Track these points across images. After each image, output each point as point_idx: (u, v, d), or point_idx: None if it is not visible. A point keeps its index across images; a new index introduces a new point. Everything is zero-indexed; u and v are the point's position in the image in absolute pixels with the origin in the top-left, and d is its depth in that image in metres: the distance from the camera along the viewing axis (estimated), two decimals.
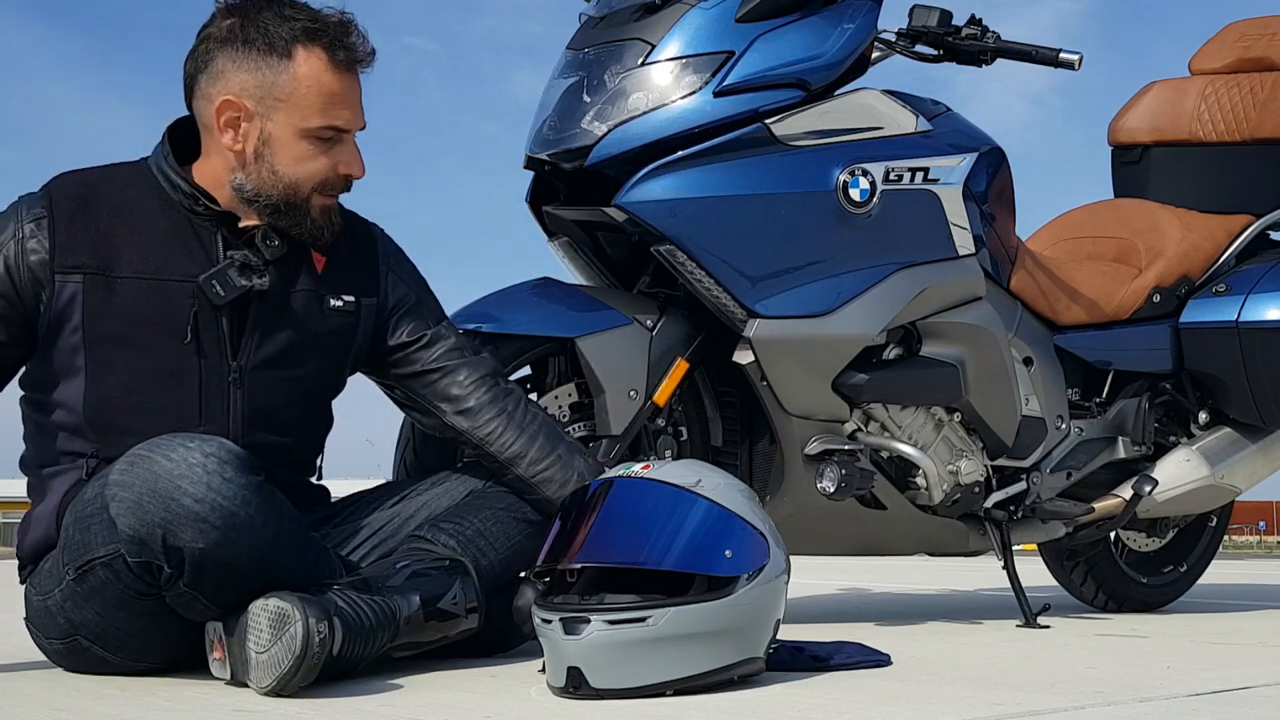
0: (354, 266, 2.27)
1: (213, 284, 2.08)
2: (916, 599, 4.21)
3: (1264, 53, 3.62)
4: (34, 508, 2.16)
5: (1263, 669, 2.27)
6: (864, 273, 2.86)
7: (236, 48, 2.12)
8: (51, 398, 2.12)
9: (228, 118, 2.13)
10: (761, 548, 1.94)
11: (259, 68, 2.11)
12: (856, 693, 1.92)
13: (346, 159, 2.17)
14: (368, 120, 2.20)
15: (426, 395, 2.33)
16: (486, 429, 2.31)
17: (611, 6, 2.88)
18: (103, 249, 2.08)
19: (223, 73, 2.13)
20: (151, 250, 2.10)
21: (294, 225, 2.15)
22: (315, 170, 2.14)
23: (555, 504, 2.21)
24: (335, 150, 2.15)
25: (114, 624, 2.02)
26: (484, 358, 2.38)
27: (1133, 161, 3.71)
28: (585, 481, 2.18)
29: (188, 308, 2.09)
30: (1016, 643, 2.68)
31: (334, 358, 2.25)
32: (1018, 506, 3.16)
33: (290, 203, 2.13)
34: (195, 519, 1.88)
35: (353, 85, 2.16)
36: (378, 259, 2.31)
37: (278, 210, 2.13)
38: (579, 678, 1.85)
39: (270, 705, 1.81)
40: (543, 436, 2.32)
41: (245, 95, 2.12)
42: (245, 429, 2.13)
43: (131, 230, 2.10)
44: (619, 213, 2.71)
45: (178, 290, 2.09)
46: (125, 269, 2.08)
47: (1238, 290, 3.35)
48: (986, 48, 3.00)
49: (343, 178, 2.17)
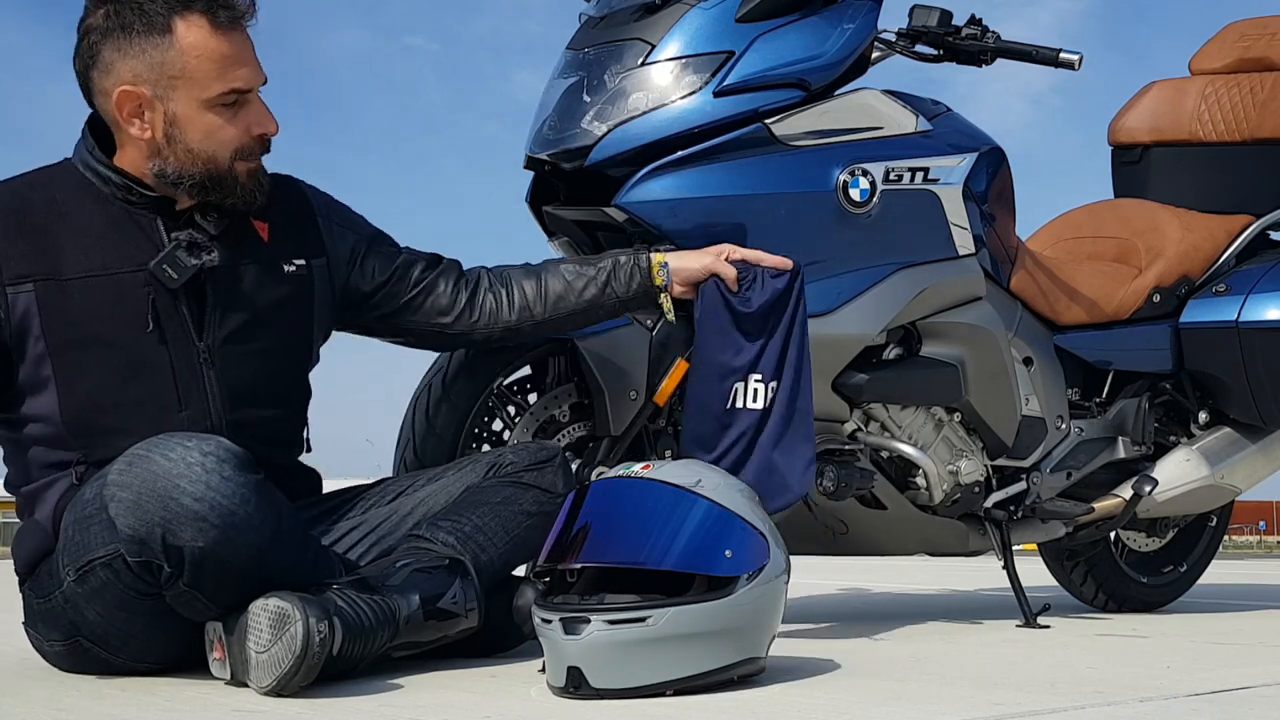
0: (295, 229, 2.26)
1: (164, 268, 2.07)
2: (916, 599, 4.21)
3: (1264, 53, 3.62)
4: (27, 520, 2.14)
5: (1263, 669, 2.27)
6: (864, 273, 2.86)
7: (118, 36, 2.08)
8: (24, 413, 2.10)
9: (130, 109, 2.10)
10: (761, 548, 1.94)
11: (144, 50, 2.07)
12: (856, 693, 1.92)
13: (257, 118, 2.15)
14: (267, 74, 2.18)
15: (419, 321, 2.41)
16: (488, 312, 2.44)
17: (611, 6, 2.88)
18: (48, 255, 2.06)
19: (111, 65, 2.10)
20: (95, 247, 2.08)
21: (225, 196, 2.13)
22: (229, 139, 2.12)
23: (607, 302, 2.49)
24: (243, 113, 2.14)
25: (115, 624, 2.02)
26: (435, 256, 2.45)
27: (1133, 161, 3.71)
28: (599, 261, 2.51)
29: (144, 297, 2.07)
30: (1016, 643, 2.68)
31: (298, 324, 2.25)
32: (1018, 506, 3.16)
33: (214, 176, 2.12)
34: (194, 518, 1.87)
35: (242, 43, 2.14)
36: (315, 216, 2.31)
37: (204, 187, 2.12)
38: (579, 678, 1.85)
39: (270, 705, 1.81)
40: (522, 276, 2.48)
41: (140, 82, 2.09)
42: (226, 407, 2.13)
43: (71, 231, 2.08)
44: (619, 213, 2.71)
45: (130, 281, 2.07)
46: (73, 270, 2.06)
47: (1238, 290, 3.35)
48: (986, 48, 3.00)
49: (258, 139, 2.16)
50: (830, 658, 2.30)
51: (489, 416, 2.72)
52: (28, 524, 2.13)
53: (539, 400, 2.77)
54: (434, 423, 2.64)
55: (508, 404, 2.75)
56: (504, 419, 2.74)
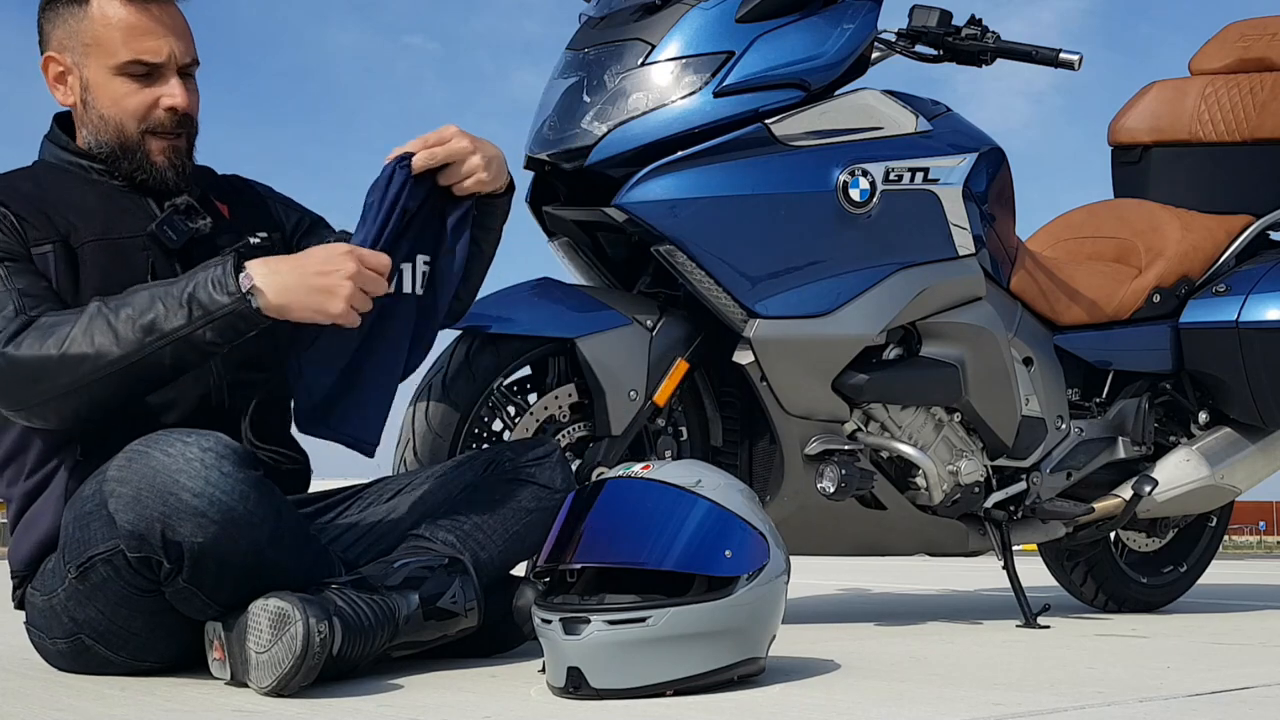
0: (250, 210, 2.36)
1: (165, 230, 2.16)
2: (916, 599, 4.21)
3: (1264, 53, 3.62)
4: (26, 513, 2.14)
5: (1263, 669, 2.27)
6: (864, 273, 2.86)
7: (49, 8, 2.22)
8: None
9: (54, 74, 2.23)
10: (761, 548, 1.94)
11: (66, 20, 2.19)
12: (856, 693, 1.92)
13: (167, 91, 2.20)
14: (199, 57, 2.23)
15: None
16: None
17: (611, 6, 2.88)
18: (56, 225, 2.14)
19: (46, 36, 2.23)
20: (96, 217, 2.16)
21: (137, 170, 2.20)
22: (135, 106, 2.18)
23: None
24: (155, 86, 2.20)
25: (116, 622, 2.02)
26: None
27: (1133, 161, 3.71)
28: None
29: (144, 260, 2.15)
30: (1016, 643, 2.68)
31: None
32: (1018, 506, 3.17)
33: (125, 146, 2.19)
34: (193, 513, 1.88)
35: (157, 18, 2.19)
36: (265, 200, 2.41)
37: (116, 156, 2.19)
38: (579, 678, 1.85)
39: (270, 705, 1.81)
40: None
41: (62, 49, 2.21)
42: (224, 368, 2.18)
43: (70, 205, 2.17)
44: (619, 213, 2.71)
45: (131, 246, 2.16)
46: (78, 238, 2.14)
47: (1238, 290, 3.35)
48: (986, 48, 3.00)
49: (168, 112, 2.20)
50: (830, 658, 2.30)
51: (489, 416, 2.72)
52: (29, 515, 2.13)
53: (539, 400, 2.78)
54: (433, 423, 2.64)
55: (508, 404, 2.75)
56: (504, 419, 2.74)
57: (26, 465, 2.14)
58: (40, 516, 2.12)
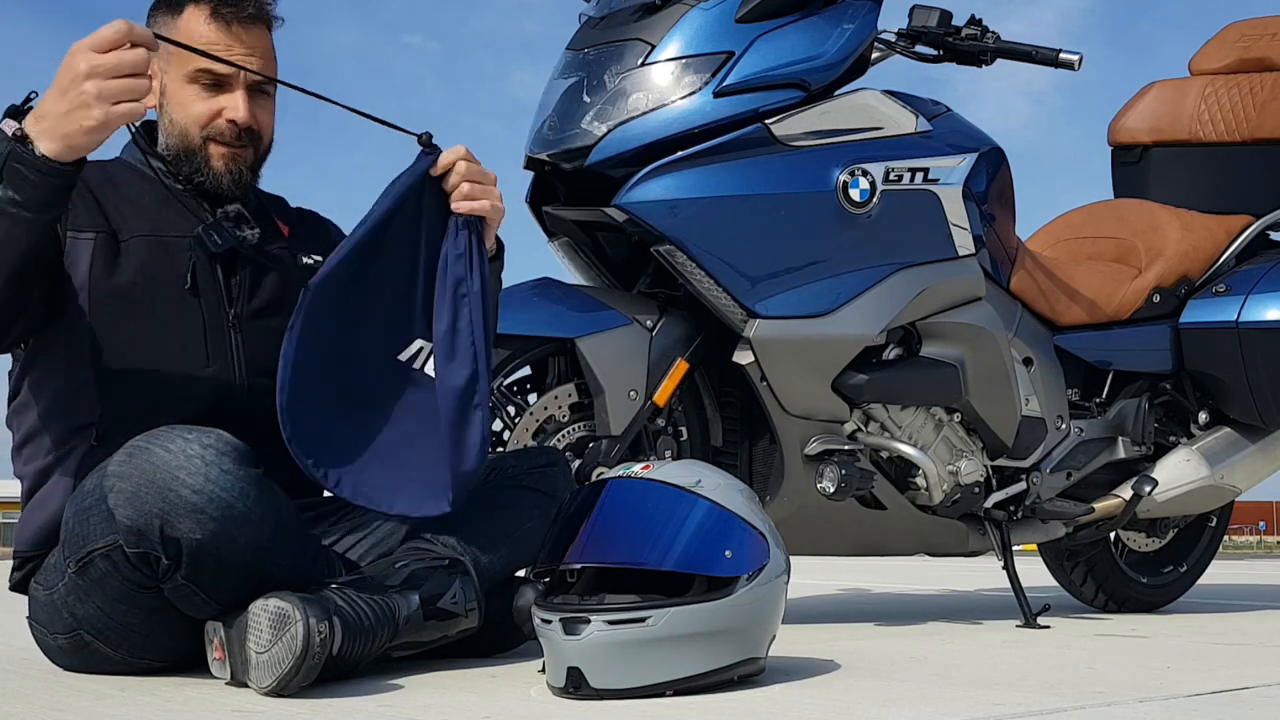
0: (310, 235, 2.41)
1: (210, 233, 2.20)
2: (916, 599, 4.21)
3: (1264, 53, 3.63)
4: (37, 492, 2.16)
5: (1263, 669, 2.27)
6: (864, 273, 2.86)
7: (151, 13, 2.29)
8: (54, 360, 2.14)
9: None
10: (761, 548, 1.94)
11: (160, 27, 2.24)
12: (856, 693, 1.92)
13: (231, 105, 2.25)
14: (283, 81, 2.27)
15: None
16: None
17: (611, 6, 2.88)
18: (107, 216, 2.18)
19: None
20: (147, 215, 2.21)
21: (196, 172, 2.24)
22: (199, 113, 2.23)
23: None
24: (221, 98, 2.24)
25: (115, 618, 2.02)
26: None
27: (1133, 162, 3.71)
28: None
29: (186, 260, 2.19)
30: (1016, 643, 2.68)
31: None
32: (1018, 507, 3.17)
33: (187, 149, 2.24)
34: (193, 510, 1.88)
35: (236, 35, 2.24)
36: (328, 230, 2.47)
37: (179, 159, 2.24)
38: (579, 678, 1.85)
39: (270, 705, 1.81)
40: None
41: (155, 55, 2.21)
42: (248, 373, 2.20)
43: (125, 199, 2.21)
44: (619, 213, 2.71)
45: (176, 245, 2.20)
46: (127, 232, 2.18)
47: (1238, 290, 3.35)
48: (986, 48, 3.00)
49: (229, 124, 2.24)
50: (830, 658, 2.30)
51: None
52: (38, 496, 2.14)
53: (539, 400, 2.78)
54: None
55: (508, 404, 2.75)
56: (504, 419, 2.74)
57: (44, 446, 2.16)
58: (50, 498, 2.13)
